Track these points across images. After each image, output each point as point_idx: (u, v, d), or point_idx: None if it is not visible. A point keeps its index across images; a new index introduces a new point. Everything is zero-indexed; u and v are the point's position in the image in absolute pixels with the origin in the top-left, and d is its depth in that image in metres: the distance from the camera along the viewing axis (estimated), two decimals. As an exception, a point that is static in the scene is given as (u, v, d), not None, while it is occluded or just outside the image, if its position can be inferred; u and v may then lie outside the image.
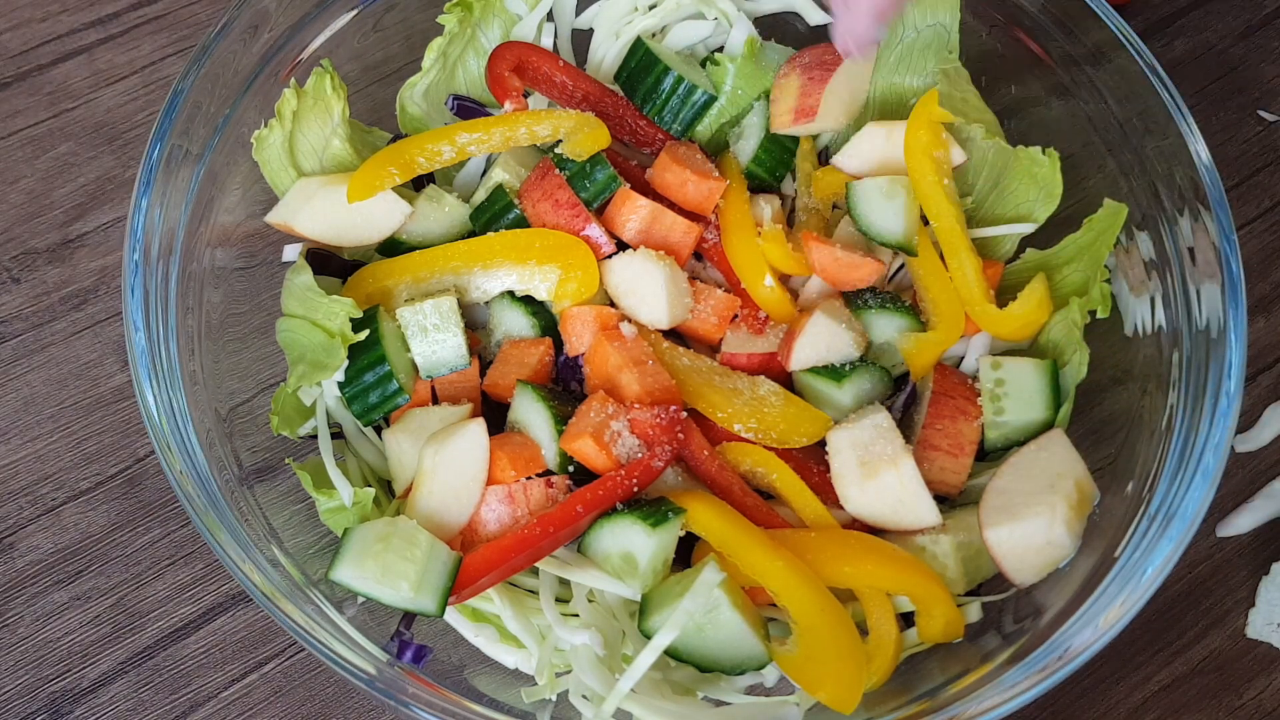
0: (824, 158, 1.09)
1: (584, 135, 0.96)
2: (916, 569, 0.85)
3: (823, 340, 0.93)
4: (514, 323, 0.97)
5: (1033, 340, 0.98)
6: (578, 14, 1.10)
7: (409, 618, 0.87)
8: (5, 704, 0.96)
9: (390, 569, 0.80)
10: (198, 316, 0.92)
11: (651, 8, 1.09)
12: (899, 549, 0.86)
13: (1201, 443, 0.81)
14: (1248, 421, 1.11)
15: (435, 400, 0.95)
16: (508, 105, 1.03)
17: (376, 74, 1.08)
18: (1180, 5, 1.33)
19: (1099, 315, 0.94)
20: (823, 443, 0.91)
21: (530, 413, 0.91)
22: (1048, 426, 0.92)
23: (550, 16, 1.09)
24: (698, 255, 1.03)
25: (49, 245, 1.15)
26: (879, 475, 0.87)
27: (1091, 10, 0.96)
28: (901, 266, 1.03)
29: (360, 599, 0.84)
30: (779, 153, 1.05)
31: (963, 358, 1.00)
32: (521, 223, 0.98)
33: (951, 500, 0.94)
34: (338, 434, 0.96)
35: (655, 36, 1.10)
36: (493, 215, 0.98)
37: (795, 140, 1.06)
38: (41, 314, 1.12)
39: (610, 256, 0.96)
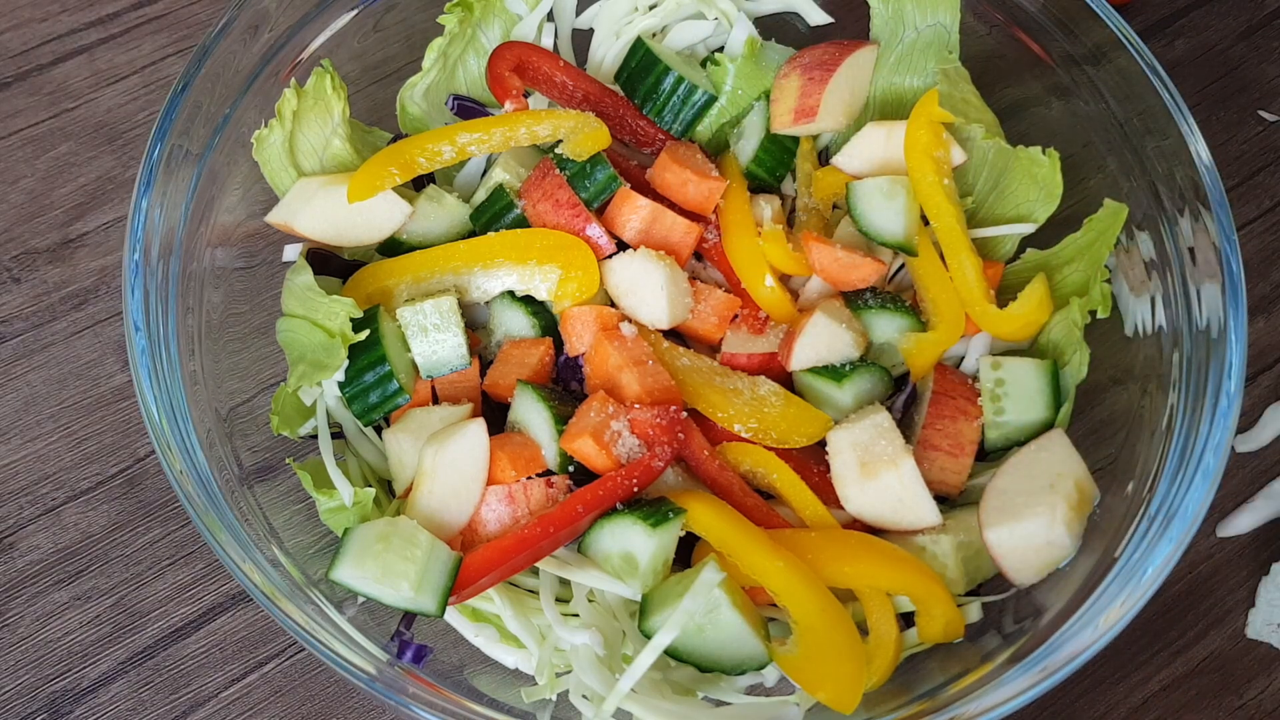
0: (824, 158, 1.09)
1: (584, 135, 0.96)
2: (916, 569, 0.85)
3: (823, 340, 0.93)
4: (514, 323, 0.97)
5: (1033, 340, 0.98)
6: (578, 14, 1.10)
7: (409, 618, 0.87)
8: (5, 704, 0.96)
9: (390, 569, 0.80)
10: (198, 316, 0.91)
11: (652, 8, 1.09)
12: (899, 549, 0.86)
13: (1202, 443, 0.81)
14: (1248, 422, 1.11)
15: (435, 400, 0.95)
16: (508, 105, 1.03)
17: (377, 74, 1.08)
18: (1180, 5, 1.33)
19: (1099, 315, 0.94)
20: (823, 443, 0.91)
21: (530, 413, 0.91)
22: (1048, 426, 0.92)
23: (550, 16, 1.08)
24: (698, 255, 1.03)
25: (49, 245, 1.15)
26: (879, 475, 0.87)
27: (1091, 10, 0.96)
28: (901, 266, 1.03)
29: (360, 599, 0.84)
30: (779, 153, 1.05)
31: (963, 358, 1.00)
32: (522, 223, 0.98)
33: (951, 500, 0.94)
34: (338, 434, 0.96)
35: (655, 36, 1.10)
36: (493, 215, 0.98)
37: (795, 140, 1.06)
38: (42, 314, 1.12)
39: (610, 256, 0.96)
